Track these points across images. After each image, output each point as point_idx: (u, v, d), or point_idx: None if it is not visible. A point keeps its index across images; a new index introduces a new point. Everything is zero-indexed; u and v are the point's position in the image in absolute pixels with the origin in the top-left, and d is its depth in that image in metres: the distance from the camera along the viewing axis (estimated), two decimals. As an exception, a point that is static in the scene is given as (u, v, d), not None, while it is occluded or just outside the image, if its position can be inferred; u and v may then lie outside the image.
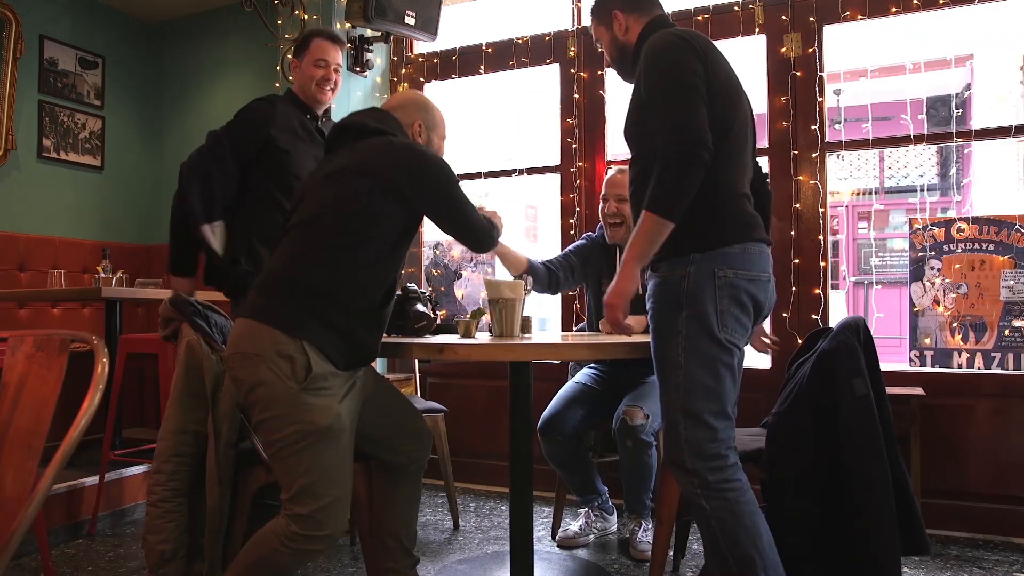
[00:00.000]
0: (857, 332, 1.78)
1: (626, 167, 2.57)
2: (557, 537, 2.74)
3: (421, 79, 3.90)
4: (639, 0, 1.85)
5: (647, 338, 1.91)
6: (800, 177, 3.09)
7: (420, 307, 2.15)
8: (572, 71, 3.53)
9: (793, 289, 3.04)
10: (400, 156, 1.73)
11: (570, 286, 2.76)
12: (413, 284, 2.29)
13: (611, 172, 2.70)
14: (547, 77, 3.68)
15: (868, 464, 1.68)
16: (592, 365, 2.78)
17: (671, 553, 2.37)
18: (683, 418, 1.63)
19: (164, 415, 1.83)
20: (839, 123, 4.50)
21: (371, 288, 1.69)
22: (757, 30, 3.18)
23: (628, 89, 1.83)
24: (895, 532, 1.67)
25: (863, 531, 1.67)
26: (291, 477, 1.61)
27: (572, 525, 2.76)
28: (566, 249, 2.81)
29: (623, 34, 1.85)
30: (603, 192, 2.67)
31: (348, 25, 3.62)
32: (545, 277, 2.62)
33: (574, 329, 3.23)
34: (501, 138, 6.30)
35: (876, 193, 7.95)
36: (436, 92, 3.98)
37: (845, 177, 7.94)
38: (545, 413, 2.59)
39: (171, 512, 1.78)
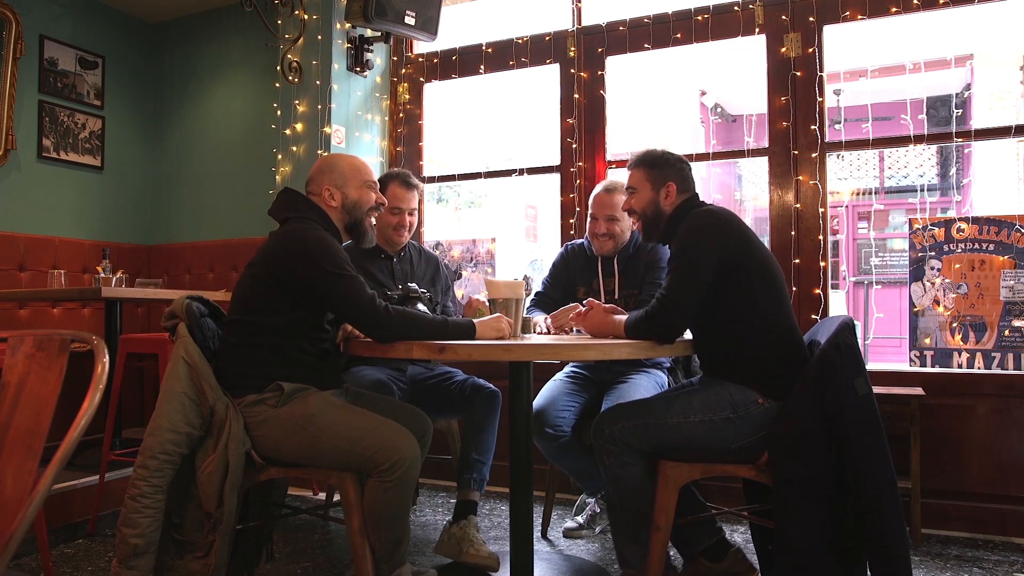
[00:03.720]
0: (852, 331, 1.80)
1: (613, 185, 2.65)
2: (563, 528, 2.77)
3: (421, 79, 3.91)
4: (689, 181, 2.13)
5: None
6: (800, 177, 3.09)
7: (421, 307, 2.15)
8: (572, 71, 3.53)
9: (793, 289, 3.04)
10: (277, 246, 1.96)
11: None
12: (414, 284, 2.29)
13: (598, 190, 2.67)
14: (547, 77, 3.68)
15: (875, 461, 1.71)
16: (571, 365, 2.79)
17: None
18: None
19: (155, 411, 1.84)
20: (839, 123, 4.50)
21: (286, 349, 1.95)
22: (757, 30, 3.18)
23: (627, 90, 1.86)
24: (904, 526, 1.71)
25: (875, 527, 1.70)
26: (335, 453, 1.85)
27: (578, 516, 2.80)
28: (543, 283, 2.81)
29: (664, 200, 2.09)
30: (592, 211, 2.65)
31: (348, 25, 3.62)
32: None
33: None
34: (501, 138, 6.30)
35: (876, 193, 7.96)
36: (436, 92, 3.98)
37: (845, 177, 7.95)
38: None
39: (150, 508, 1.78)
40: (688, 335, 2.04)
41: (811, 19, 3.08)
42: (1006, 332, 2.86)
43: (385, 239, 2.63)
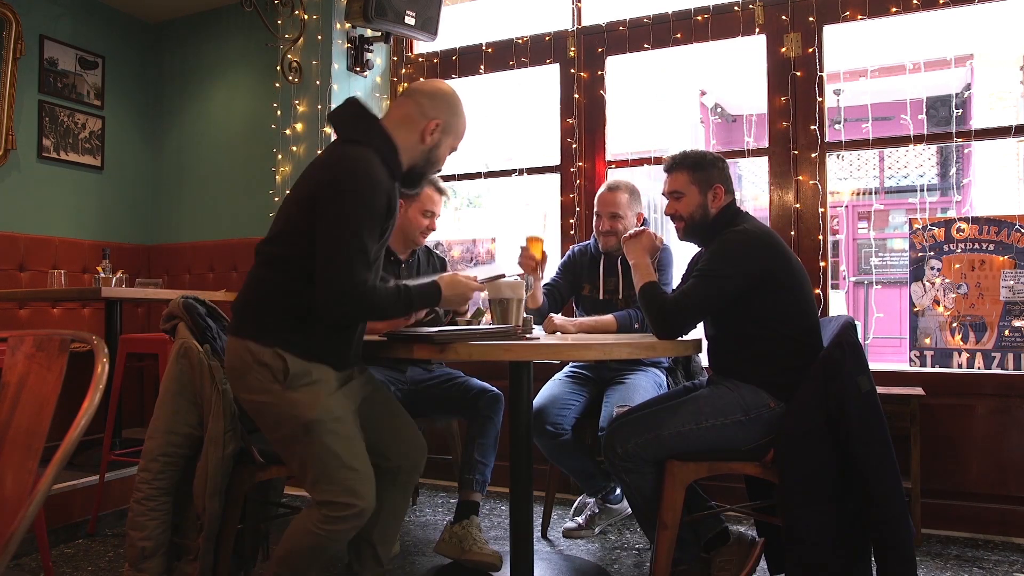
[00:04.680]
0: (855, 330, 1.84)
1: (616, 184, 2.73)
2: (562, 529, 2.78)
3: (421, 79, 3.90)
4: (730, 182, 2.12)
5: (645, 338, 1.94)
6: (800, 177, 3.09)
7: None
8: (572, 71, 3.53)
9: (793, 289, 3.04)
10: (328, 171, 1.69)
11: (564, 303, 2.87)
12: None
13: (601, 190, 2.77)
14: (547, 77, 3.68)
15: (879, 455, 1.75)
16: (571, 364, 2.82)
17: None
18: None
19: (154, 413, 1.84)
20: (839, 123, 4.50)
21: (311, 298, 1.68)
22: (757, 30, 3.18)
23: (627, 90, 1.87)
24: (908, 517, 1.76)
25: (880, 519, 1.75)
26: (303, 469, 1.70)
27: (578, 517, 2.80)
28: (556, 273, 2.88)
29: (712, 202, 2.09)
30: (597, 209, 2.74)
31: (348, 25, 3.62)
32: (546, 309, 2.74)
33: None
34: (501, 138, 6.30)
35: (876, 193, 7.96)
36: (436, 92, 3.98)
37: (845, 177, 7.95)
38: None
39: (155, 510, 1.79)
40: (693, 335, 2.04)
41: (811, 19, 3.08)
42: (1006, 332, 2.85)
43: (407, 240, 2.59)
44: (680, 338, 1.95)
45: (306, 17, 3.63)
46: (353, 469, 1.70)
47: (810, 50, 3.08)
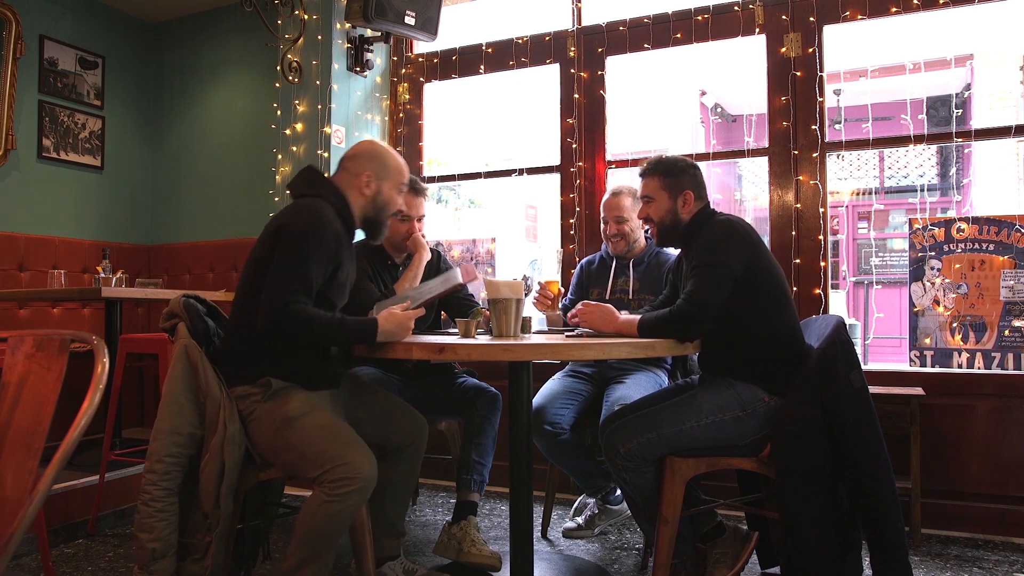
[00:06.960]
0: (846, 330, 1.92)
1: (619, 189, 2.79)
2: (562, 529, 2.78)
3: (421, 79, 3.90)
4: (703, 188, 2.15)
5: (643, 338, 1.95)
6: (800, 177, 3.09)
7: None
8: (572, 71, 3.53)
9: (794, 289, 3.04)
10: (281, 218, 1.90)
11: None
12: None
13: (606, 196, 2.82)
14: (547, 77, 3.68)
15: (872, 448, 1.82)
16: (571, 363, 2.83)
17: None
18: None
19: (158, 415, 1.84)
20: (839, 123, 4.50)
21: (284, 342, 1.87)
22: (757, 30, 3.18)
23: (627, 90, 1.89)
24: (899, 506, 1.84)
25: (873, 509, 1.83)
26: (302, 460, 1.79)
27: (578, 517, 2.80)
28: (569, 290, 2.96)
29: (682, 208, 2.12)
30: (603, 215, 2.81)
31: (348, 25, 3.62)
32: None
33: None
34: (501, 138, 6.31)
35: (876, 193, 7.96)
36: (436, 92, 3.98)
37: (845, 177, 7.95)
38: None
39: (163, 511, 1.78)
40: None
41: (811, 19, 3.08)
42: (1006, 332, 2.85)
43: (394, 246, 2.60)
44: (699, 336, 1.98)
45: (306, 17, 3.63)
46: (341, 442, 1.79)
47: (810, 50, 3.08)
